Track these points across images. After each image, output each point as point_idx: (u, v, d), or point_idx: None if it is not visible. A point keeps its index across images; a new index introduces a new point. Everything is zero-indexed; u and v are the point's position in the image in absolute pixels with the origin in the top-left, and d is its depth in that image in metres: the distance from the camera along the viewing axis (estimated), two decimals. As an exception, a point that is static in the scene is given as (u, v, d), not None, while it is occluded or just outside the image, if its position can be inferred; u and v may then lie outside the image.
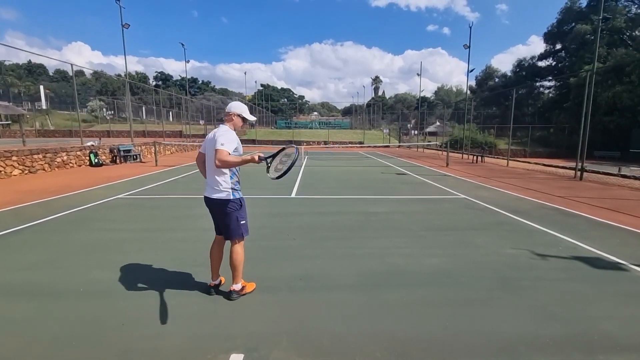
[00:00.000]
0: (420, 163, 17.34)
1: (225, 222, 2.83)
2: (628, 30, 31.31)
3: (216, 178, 2.76)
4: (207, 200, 2.85)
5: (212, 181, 2.79)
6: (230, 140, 2.67)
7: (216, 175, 2.76)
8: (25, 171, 10.62)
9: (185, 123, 30.87)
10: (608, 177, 11.80)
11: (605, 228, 5.48)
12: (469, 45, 20.94)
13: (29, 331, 2.45)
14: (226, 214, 2.81)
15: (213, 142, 2.69)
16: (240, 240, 2.91)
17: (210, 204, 2.85)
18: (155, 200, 7.26)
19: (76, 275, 3.40)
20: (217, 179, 2.76)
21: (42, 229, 5.00)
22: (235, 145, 2.72)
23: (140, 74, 69.66)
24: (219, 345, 2.29)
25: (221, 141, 2.62)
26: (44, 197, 7.14)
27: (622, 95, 24.07)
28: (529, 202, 7.48)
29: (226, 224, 2.84)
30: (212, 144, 2.70)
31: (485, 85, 47.81)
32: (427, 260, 3.91)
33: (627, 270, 3.74)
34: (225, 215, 2.81)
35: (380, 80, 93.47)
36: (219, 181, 2.76)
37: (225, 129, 2.75)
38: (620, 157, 22.84)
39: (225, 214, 2.80)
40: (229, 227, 2.84)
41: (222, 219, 2.85)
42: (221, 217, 2.84)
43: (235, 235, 2.86)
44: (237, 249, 2.88)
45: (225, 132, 2.71)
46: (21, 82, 51.41)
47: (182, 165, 14.49)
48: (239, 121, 2.87)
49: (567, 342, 2.39)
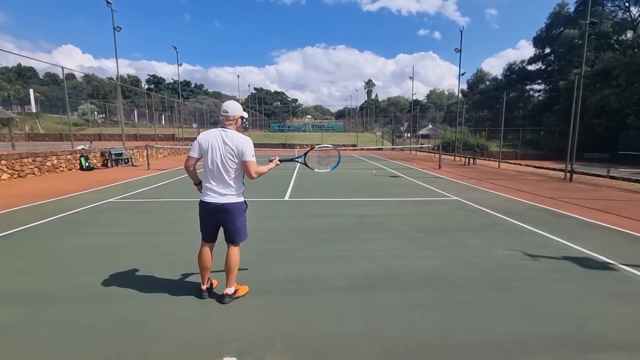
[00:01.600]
0: (413, 165, 17.45)
1: (237, 224, 2.84)
2: (615, 34, 32.06)
3: (233, 184, 2.77)
4: (214, 205, 2.77)
5: (227, 187, 2.76)
6: (253, 148, 2.75)
7: (234, 181, 2.77)
8: (15, 175, 10.43)
9: (178, 126, 30.69)
10: (597, 179, 12.01)
11: (594, 228, 5.57)
12: (460, 49, 21.23)
13: (18, 337, 2.40)
14: (238, 217, 2.83)
15: (233, 150, 2.69)
16: (240, 243, 2.93)
17: (218, 209, 2.77)
18: (147, 204, 7.18)
19: (66, 280, 3.34)
20: (235, 184, 2.78)
21: (32, 233, 4.91)
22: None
23: (132, 77, 69.11)
24: (212, 349, 2.27)
25: (250, 152, 2.72)
26: (33, 201, 7.02)
27: (609, 98, 24.57)
28: (520, 203, 7.57)
29: (237, 227, 2.84)
30: (232, 151, 2.70)
31: (477, 88, 48.45)
32: (421, 262, 3.93)
33: (616, 270, 3.80)
34: (238, 218, 2.83)
35: (373, 84, 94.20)
36: (236, 187, 2.79)
37: (245, 138, 2.76)
38: (608, 159, 23.22)
39: (238, 217, 2.83)
40: (239, 230, 2.86)
41: (234, 222, 2.82)
42: (233, 220, 2.82)
43: (241, 238, 2.90)
44: (236, 251, 2.90)
45: (248, 142, 2.74)
46: (11, 86, 50.64)
47: (175, 168, 14.37)
48: (240, 122, 2.88)
49: (559, 341, 2.41)
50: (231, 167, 2.73)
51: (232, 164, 2.72)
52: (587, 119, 23.78)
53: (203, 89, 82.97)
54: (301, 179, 11.08)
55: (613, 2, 32.43)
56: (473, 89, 49.31)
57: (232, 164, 2.72)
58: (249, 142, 2.74)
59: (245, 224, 2.92)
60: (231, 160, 2.71)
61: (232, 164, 2.72)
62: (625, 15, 32.25)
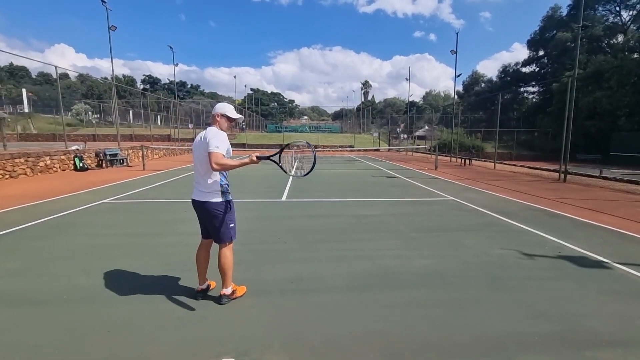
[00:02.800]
0: (410, 166, 17.52)
1: (215, 224, 2.78)
2: (606, 38, 32.55)
3: (206, 180, 2.72)
4: (195, 203, 2.80)
5: (202, 184, 2.74)
6: (222, 142, 2.64)
7: (206, 178, 2.72)
8: (6, 176, 10.27)
9: (174, 127, 30.49)
10: (590, 179, 12.14)
11: (588, 228, 5.62)
12: (456, 51, 21.39)
13: (9, 340, 2.35)
14: (215, 217, 2.76)
15: (203, 145, 2.64)
16: (229, 244, 2.87)
17: (199, 207, 2.79)
18: (142, 205, 7.12)
19: (59, 282, 3.29)
20: (207, 181, 2.72)
21: (23, 235, 4.83)
22: (227, 146, 2.70)
23: (127, 77, 68.58)
24: (209, 350, 2.24)
25: (214, 143, 2.59)
26: (25, 202, 6.92)
27: (602, 100, 24.91)
28: (515, 203, 7.62)
29: (216, 227, 2.79)
30: (203, 146, 2.65)
31: (472, 90, 48.86)
32: (418, 262, 3.93)
33: (610, 268, 3.84)
34: (214, 218, 2.76)
35: (370, 85, 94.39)
36: (209, 184, 2.72)
37: (215, 131, 2.69)
38: (601, 160, 23.54)
39: (214, 216, 2.75)
40: (219, 230, 2.79)
41: (212, 222, 2.78)
42: (210, 219, 2.78)
43: (225, 239, 2.83)
44: (225, 252, 2.83)
45: (216, 134, 2.65)
46: (2, 85, 49.96)
47: (170, 169, 14.28)
48: (225, 122, 2.81)
49: (555, 339, 2.43)
50: (200, 164, 2.71)
51: (201, 160, 2.69)
52: (580, 120, 24.08)
53: (199, 89, 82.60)
54: (298, 180, 11.06)
55: (604, 6, 32.96)
56: (468, 91, 49.72)
57: (201, 160, 2.69)
58: (215, 134, 2.65)
59: (228, 225, 2.81)
60: (201, 155, 2.67)
61: (201, 159, 2.69)
62: (616, 19, 32.80)
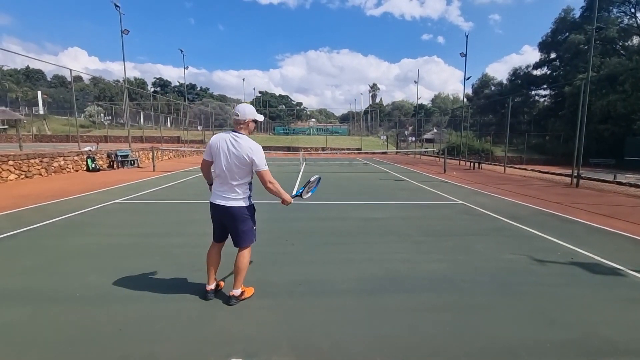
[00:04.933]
0: (418, 169, 17.40)
1: (242, 228, 2.82)
2: (620, 40, 31.97)
3: (236, 187, 2.74)
4: (219, 207, 2.79)
5: (230, 190, 2.75)
6: (264, 156, 2.71)
7: (240, 186, 2.75)
8: (22, 176, 10.53)
9: (184, 129, 30.89)
10: (604, 184, 11.89)
11: (602, 234, 5.51)
12: (466, 53, 21.22)
13: (24, 336, 2.41)
14: (243, 221, 2.81)
15: (243, 156, 2.64)
16: (250, 246, 2.92)
17: (224, 212, 2.79)
18: (153, 206, 7.21)
19: (72, 280, 3.36)
20: (238, 188, 2.75)
21: (38, 233, 4.95)
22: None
23: (138, 80, 69.78)
24: (218, 350, 2.26)
25: (263, 161, 2.68)
26: (39, 202, 7.08)
27: (616, 103, 24.44)
28: (526, 208, 7.51)
29: (242, 231, 2.83)
30: (241, 158, 2.64)
31: (482, 93, 48.35)
32: (427, 266, 3.90)
33: (625, 275, 3.75)
34: (242, 222, 2.81)
35: (378, 88, 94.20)
36: (239, 190, 2.76)
37: (257, 146, 2.70)
38: (615, 165, 23.04)
39: (242, 221, 2.80)
40: (245, 234, 2.84)
41: (238, 226, 2.81)
42: (237, 224, 2.81)
43: (247, 242, 2.88)
44: (245, 253, 2.89)
45: (260, 150, 2.69)
46: (19, 88, 51.32)
47: (180, 170, 14.45)
48: (253, 126, 2.83)
49: (568, 347, 2.38)
50: (237, 174, 2.70)
51: (238, 171, 2.69)
52: (593, 124, 23.64)
53: (208, 92, 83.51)
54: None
55: (619, 8, 32.36)
56: (478, 94, 49.21)
57: (238, 171, 2.69)
58: (258, 150, 2.67)
59: (252, 228, 2.89)
60: (237, 166, 2.67)
61: (238, 170, 2.69)
62: (631, 21, 32.11)
